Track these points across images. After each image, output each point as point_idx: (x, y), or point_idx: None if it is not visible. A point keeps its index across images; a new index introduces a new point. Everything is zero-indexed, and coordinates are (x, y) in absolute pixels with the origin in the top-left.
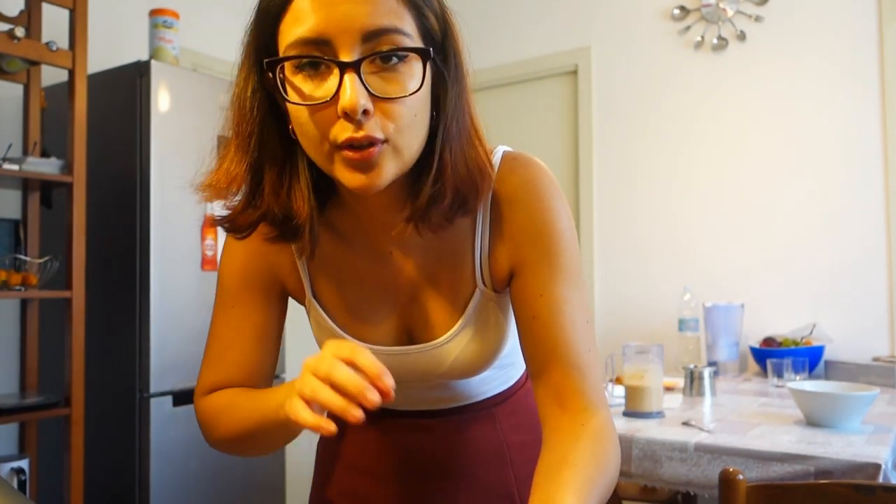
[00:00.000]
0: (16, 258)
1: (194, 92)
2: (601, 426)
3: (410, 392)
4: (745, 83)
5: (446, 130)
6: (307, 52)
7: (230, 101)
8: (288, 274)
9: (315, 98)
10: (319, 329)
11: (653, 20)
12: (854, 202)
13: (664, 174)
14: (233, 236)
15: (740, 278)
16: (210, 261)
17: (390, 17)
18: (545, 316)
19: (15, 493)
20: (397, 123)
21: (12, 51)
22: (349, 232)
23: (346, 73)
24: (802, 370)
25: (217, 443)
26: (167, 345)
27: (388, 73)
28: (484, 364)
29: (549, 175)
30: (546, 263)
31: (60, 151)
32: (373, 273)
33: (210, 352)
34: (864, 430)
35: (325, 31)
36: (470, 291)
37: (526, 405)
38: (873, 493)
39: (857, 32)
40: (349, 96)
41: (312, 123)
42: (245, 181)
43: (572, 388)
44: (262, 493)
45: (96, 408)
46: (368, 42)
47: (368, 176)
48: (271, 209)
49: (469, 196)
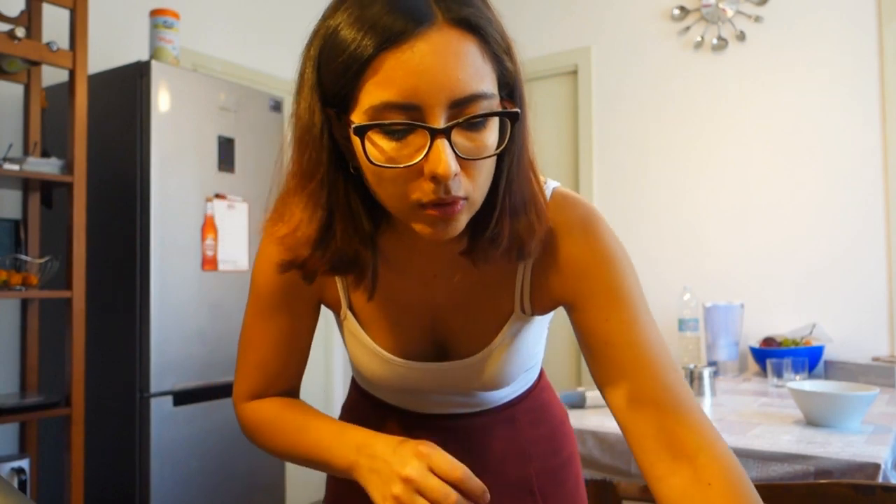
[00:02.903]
0: (16, 258)
1: (194, 92)
2: (728, 474)
3: (436, 398)
4: (744, 83)
5: (509, 172)
6: (394, 116)
7: (295, 139)
8: (327, 285)
9: (400, 159)
10: (353, 341)
11: (653, 20)
12: (854, 202)
13: (664, 174)
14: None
15: (740, 278)
16: (210, 261)
17: (477, 82)
18: (617, 338)
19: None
20: (478, 181)
21: (12, 51)
22: (395, 255)
23: (437, 139)
24: (802, 370)
25: (262, 448)
26: (167, 345)
27: (472, 133)
28: (514, 378)
29: (597, 212)
30: (607, 292)
31: (60, 151)
32: (413, 294)
33: (247, 359)
34: (864, 430)
35: (415, 97)
36: (507, 314)
37: (541, 400)
38: (873, 492)
39: (857, 32)
40: (443, 164)
41: (395, 182)
42: (318, 226)
43: (676, 425)
44: (262, 493)
45: (96, 408)
46: (456, 108)
47: (447, 230)
48: (342, 252)
49: (526, 238)
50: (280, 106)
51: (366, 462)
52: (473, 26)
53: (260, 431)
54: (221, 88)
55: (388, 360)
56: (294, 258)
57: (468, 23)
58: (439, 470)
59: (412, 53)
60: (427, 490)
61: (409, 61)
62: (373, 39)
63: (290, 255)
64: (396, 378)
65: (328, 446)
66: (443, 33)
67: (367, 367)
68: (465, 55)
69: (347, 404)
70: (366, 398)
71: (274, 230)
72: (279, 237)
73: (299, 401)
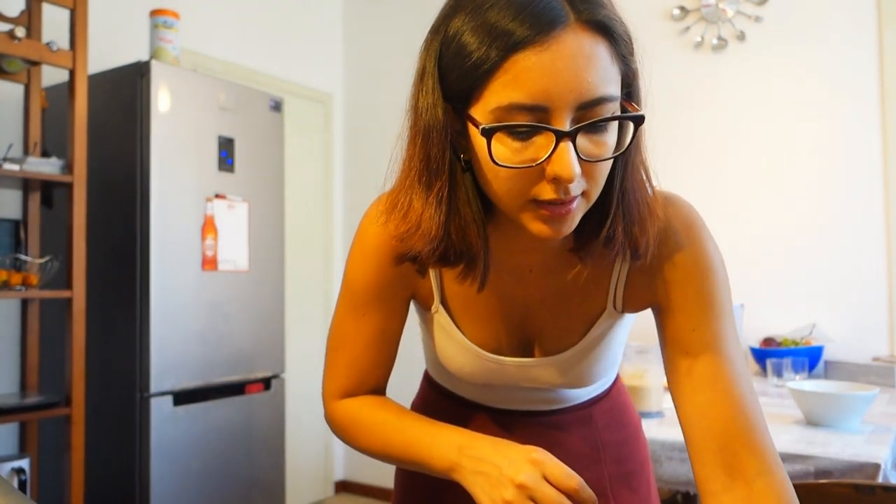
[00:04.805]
0: (16, 258)
1: (194, 92)
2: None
3: (517, 395)
4: (744, 83)
5: (624, 173)
6: (521, 117)
7: (415, 132)
8: (422, 283)
9: (522, 159)
10: (443, 335)
11: (653, 20)
12: (854, 202)
13: (663, 174)
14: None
15: (740, 278)
16: (210, 261)
17: (605, 85)
18: (699, 349)
19: (15, 493)
20: (596, 181)
21: (13, 51)
22: (496, 249)
23: (563, 141)
24: (802, 370)
25: (352, 447)
26: (167, 345)
27: (595, 136)
28: (600, 377)
29: (700, 216)
30: (699, 301)
31: (61, 151)
32: (507, 288)
33: (338, 357)
34: (864, 430)
35: (544, 99)
36: (599, 311)
37: (619, 403)
38: (873, 492)
39: (857, 33)
40: (567, 167)
41: (512, 180)
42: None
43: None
44: (262, 493)
45: (96, 408)
46: (582, 110)
47: (560, 229)
48: (454, 244)
49: (640, 239)
50: (280, 106)
51: (469, 464)
52: (605, 28)
53: (352, 430)
54: (221, 88)
55: (478, 355)
56: (409, 250)
57: (601, 24)
58: (554, 478)
59: (545, 55)
60: (541, 498)
61: (542, 63)
62: (506, 39)
63: (405, 248)
64: (484, 373)
65: (426, 445)
66: (576, 35)
67: (454, 361)
68: (596, 57)
69: (419, 401)
70: (442, 395)
71: (387, 226)
72: (398, 233)
73: (389, 399)
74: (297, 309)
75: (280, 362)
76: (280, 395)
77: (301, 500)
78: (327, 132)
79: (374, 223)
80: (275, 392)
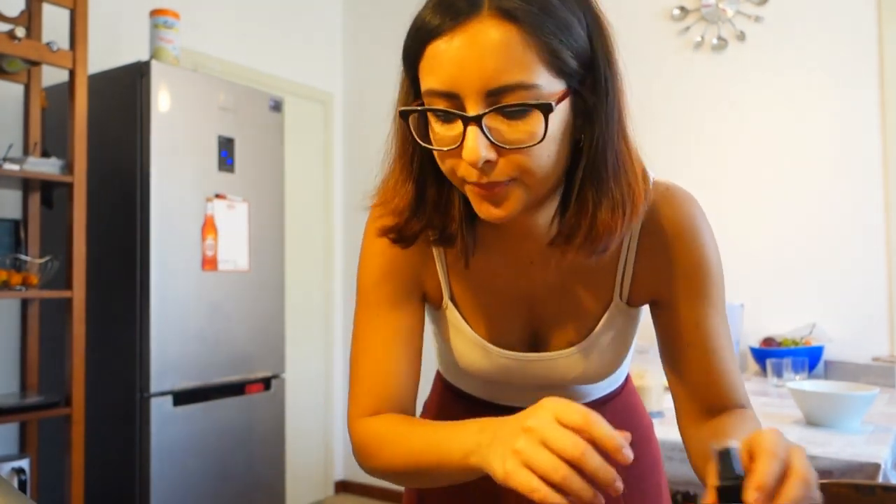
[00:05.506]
0: (16, 258)
1: (194, 92)
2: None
3: (526, 391)
4: (744, 83)
5: (588, 167)
6: (439, 102)
7: (393, 119)
8: (429, 277)
9: (446, 142)
10: (453, 331)
11: (653, 20)
12: (854, 202)
13: (662, 174)
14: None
15: (740, 278)
16: (210, 261)
17: (516, 73)
18: (700, 345)
19: (15, 493)
20: (525, 166)
21: (13, 51)
22: (493, 241)
23: (469, 126)
24: (802, 370)
25: (373, 471)
26: (167, 345)
27: (514, 121)
28: (609, 373)
29: (702, 210)
30: (701, 297)
31: (61, 151)
32: (510, 281)
33: (360, 368)
34: (864, 430)
35: (454, 86)
36: (605, 305)
37: (630, 404)
38: (873, 492)
39: (857, 32)
40: (469, 150)
41: (445, 162)
42: (410, 196)
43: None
44: (262, 493)
45: (96, 408)
46: (493, 97)
47: (499, 209)
48: (432, 220)
49: (603, 234)
50: (280, 106)
51: (486, 438)
52: (516, 16)
53: (372, 448)
54: (221, 88)
55: (489, 351)
56: (392, 225)
57: (510, 12)
58: (566, 418)
59: (453, 43)
60: (552, 440)
61: (449, 51)
62: (425, 29)
63: (389, 221)
64: (495, 369)
65: (446, 438)
66: (483, 24)
67: (466, 358)
68: (504, 45)
69: (432, 400)
70: (455, 394)
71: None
72: (375, 206)
73: (415, 417)
74: (297, 309)
75: (280, 362)
76: (280, 395)
77: (301, 500)
78: (327, 132)
79: (371, 220)
80: (275, 392)
